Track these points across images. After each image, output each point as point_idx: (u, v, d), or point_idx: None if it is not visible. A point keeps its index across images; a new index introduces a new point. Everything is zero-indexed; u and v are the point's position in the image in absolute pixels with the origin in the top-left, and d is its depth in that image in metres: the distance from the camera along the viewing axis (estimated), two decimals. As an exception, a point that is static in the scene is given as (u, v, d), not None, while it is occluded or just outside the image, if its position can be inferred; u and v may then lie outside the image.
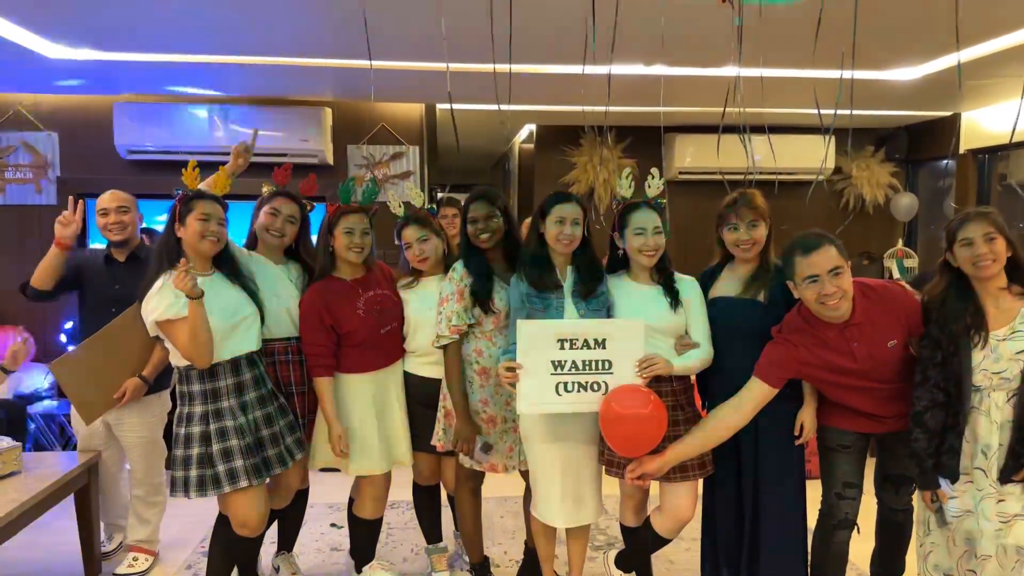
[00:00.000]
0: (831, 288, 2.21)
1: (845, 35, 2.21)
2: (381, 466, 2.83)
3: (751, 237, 2.48)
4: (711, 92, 4.22)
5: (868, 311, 2.31)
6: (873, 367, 2.33)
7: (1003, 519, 2.19)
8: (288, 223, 2.78)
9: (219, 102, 4.85)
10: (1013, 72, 3.87)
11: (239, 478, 2.44)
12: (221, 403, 2.47)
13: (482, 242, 2.69)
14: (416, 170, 5.23)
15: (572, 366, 2.36)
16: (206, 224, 2.44)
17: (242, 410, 2.50)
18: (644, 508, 2.71)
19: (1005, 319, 2.20)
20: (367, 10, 2.81)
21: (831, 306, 2.24)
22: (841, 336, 2.32)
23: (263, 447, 2.55)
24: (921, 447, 2.29)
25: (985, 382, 2.20)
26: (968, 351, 2.21)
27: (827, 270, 2.22)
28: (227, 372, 2.48)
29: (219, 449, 2.43)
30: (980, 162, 5.33)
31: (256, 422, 2.54)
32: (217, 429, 2.45)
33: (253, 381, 2.55)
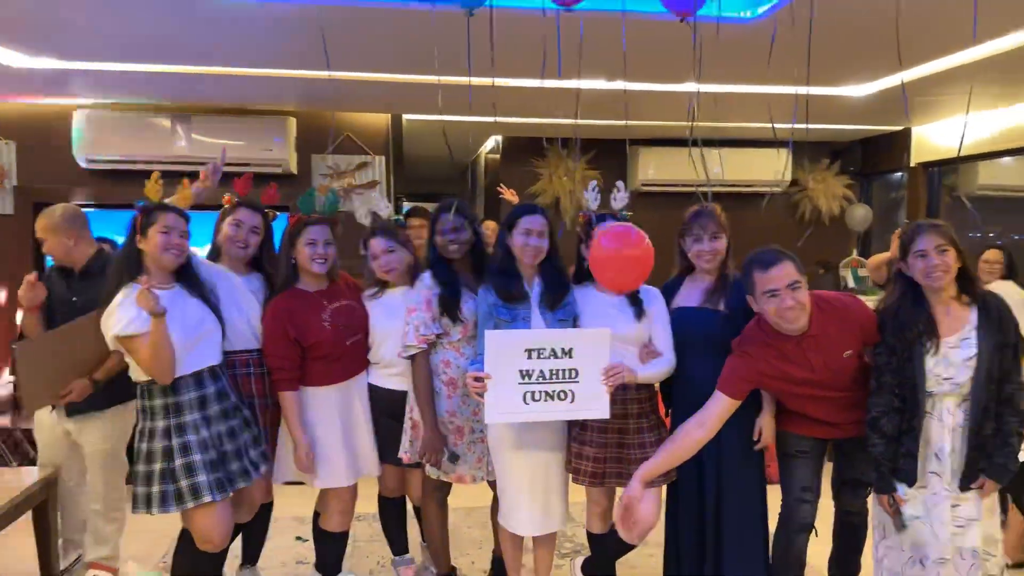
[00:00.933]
0: (790, 302, 2.27)
1: (800, 53, 2.29)
2: (347, 479, 2.82)
3: (712, 248, 2.55)
4: (673, 107, 4.32)
5: (824, 323, 2.37)
6: (829, 377, 2.40)
7: (958, 523, 2.27)
8: (251, 234, 2.77)
9: (181, 111, 4.80)
10: (958, 90, 4.04)
11: (202, 493, 2.41)
12: (183, 417, 2.43)
13: (450, 252, 2.71)
14: (382, 180, 5.23)
15: (539, 375, 2.39)
16: (168, 237, 2.40)
17: (205, 424, 2.47)
18: (610, 515, 2.74)
19: (955, 327, 2.29)
20: (332, 20, 2.84)
21: (790, 319, 2.29)
22: (798, 348, 2.38)
23: (226, 461, 2.52)
24: (878, 452, 2.37)
25: (937, 388, 2.29)
26: (921, 357, 2.29)
27: (786, 284, 2.27)
28: (189, 386, 2.45)
29: (182, 464, 2.40)
30: (930, 175, 5.52)
31: (219, 436, 2.51)
32: (180, 444, 2.41)
33: (216, 394, 2.52)
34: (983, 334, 2.25)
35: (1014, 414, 2.27)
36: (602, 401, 2.41)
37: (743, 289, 2.44)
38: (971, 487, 2.27)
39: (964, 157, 5.05)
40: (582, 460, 2.55)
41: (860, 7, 2.72)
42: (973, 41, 2.95)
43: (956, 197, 5.57)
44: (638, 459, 2.51)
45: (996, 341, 2.24)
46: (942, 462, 2.30)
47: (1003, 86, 4.03)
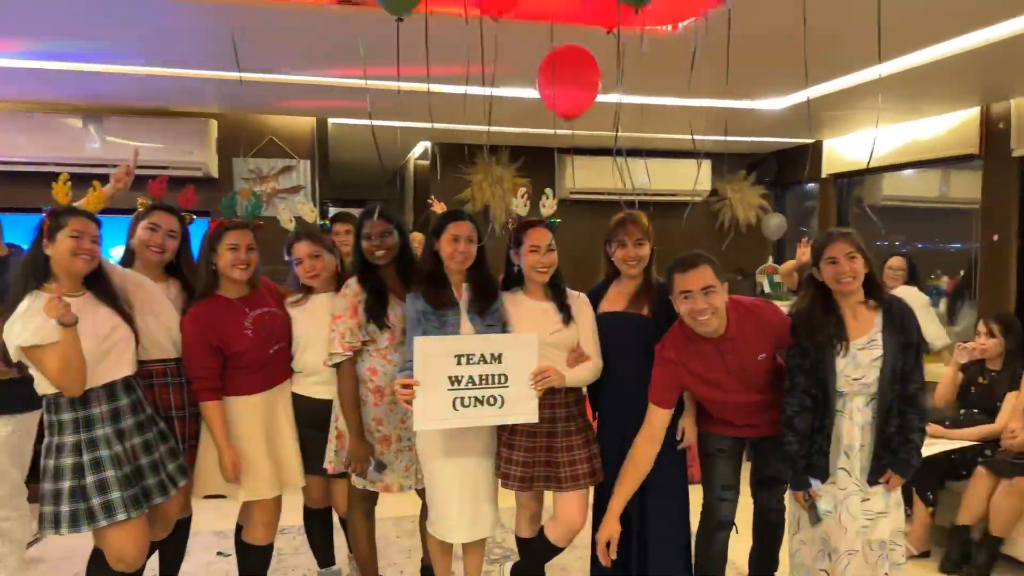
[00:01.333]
0: (702, 305, 2.36)
1: (719, 67, 2.38)
2: (272, 490, 2.74)
3: (636, 255, 2.62)
4: (600, 117, 4.40)
5: (741, 326, 2.47)
6: (744, 380, 2.51)
7: (868, 516, 2.39)
8: (168, 238, 2.66)
9: (94, 111, 4.59)
10: (866, 105, 4.26)
11: (116, 511, 2.30)
12: (95, 432, 2.32)
13: (378, 258, 2.69)
14: (307, 184, 5.14)
15: (469, 381, 2.40)
16: (78, 241, 2.29)
17: (118, 438, 2.36)
18: (539, 519, 2.77)
19: (863, 329, 2.42)
20: (253, 19, 2.77)
21: (701, 321, 2.39)
22: (717, 350, 2.47)
23: (142, 476, 2.42)
24: (793, 450, 2.47)
25: (847, 387, 2.41)
26: (832, 359, 2.41)
27: (700, 287, 2.36)
28: (101, 398, 2.34)
29: (93, 481, 2.29)
30: (839, 186, 5.81)
31: (134, 450, 2.41)
32: (91, 460, 2.30)
33: (130, 407, 2.41)
34: (888, 336, 2.39)
35: (916, 412, 2.41)
36: (531, 405, 2.43)
37: (667, 294, 2.52)
38: (879, 482, 2.40)
39: (871, 169, 5.33)
40: (511, 465, 2.57)
41: (774, 25, 2.84)
42: (879, 60, 3.12)
43: (863, 208, 5.88)
44: (567, 462, 2.55)
45: (899, 342, 2.38)
46: (851, 459, 2.42)
47: (907, 102, 4.28)
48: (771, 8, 2.64)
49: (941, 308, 5.10)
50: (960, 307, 5.04)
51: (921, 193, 5.81)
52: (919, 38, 3.10)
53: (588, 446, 2.61)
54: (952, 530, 3.45)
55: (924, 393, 2.45)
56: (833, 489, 2.45)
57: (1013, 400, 3.55)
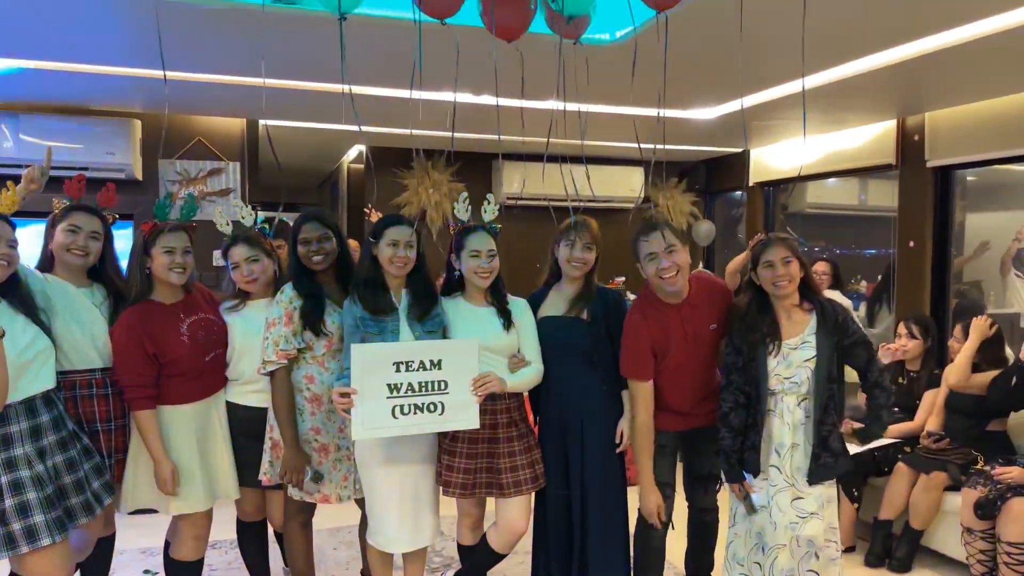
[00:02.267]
0: (666, 263, 2.50)
1: (656, 77, 2.42)
2: (204, 503, 2.64)
3: (583, 257, 2.64)
4: (538, 123, 4.42)
5: (699, 294, 2.64)
6: (698, 349, 2.64)
7: (800, 514, 2.47)
8: (91, 240, 2.53)
9: (7, 109, 4.35)
10: (790, 115, 4.43)
11: (40, 536, 2.15)
12: (14, 451, 2.17)
13: (315, 264, 2.63)
14: (236, 187, 4.99)
15: (408, 388, 2.36)
16: None
17: (39, 457, 2.22)
18: (481, 526, 2.76)
19: (796, 330, 2.51)
20: (180, 15, 2.68)
21: (668, 280, 2.52)
22: (678, 316, 2.61)
23: (65, 496, 2.28)
24: (727, 444, 2.56)
25: (778, 386, 2.49)
26: (764, 358, 2.50)
27: (663, 248, 2.51)
28: (20, 415, 2.19)
29: (13, 504, 2.14)
30: (766, 193, 6.01)
31: (56, 469, 2.27)
32: (10, 481, 2.15)
33: (52, 423, 2.27)
34: (821, 337, 2.48)
35: (883, 393, 2.55)
36: (471, 411, 2.42)
37: (606, 298, 2.61)
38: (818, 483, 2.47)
39: (796, 178, 5.53)
40: (452, 472, 2.54)
41: (706, 36, 2.92)
42: (802, 73, 3.24)
43: (785, 218, 6.10)
44: (509, 468, 2.54)
45: (833, 342, 2.47)
46: (782, 456, 2.50)
47: (829, 113, 4.46)
48: (703, 20, 2.71)
49: (861, 312, 5.33)
50: (878, 311, 5.29)
51: (842, 201, 6.06)
52: (840, 53, 3.23)
53: (530, 452, 2.62)
54: (875, 524, 3.60)
55: (886, 376, 2.59)
56: (765, 485, 2.53)
57: (931, 398, 3.73)
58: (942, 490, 3.43)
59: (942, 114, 4.32)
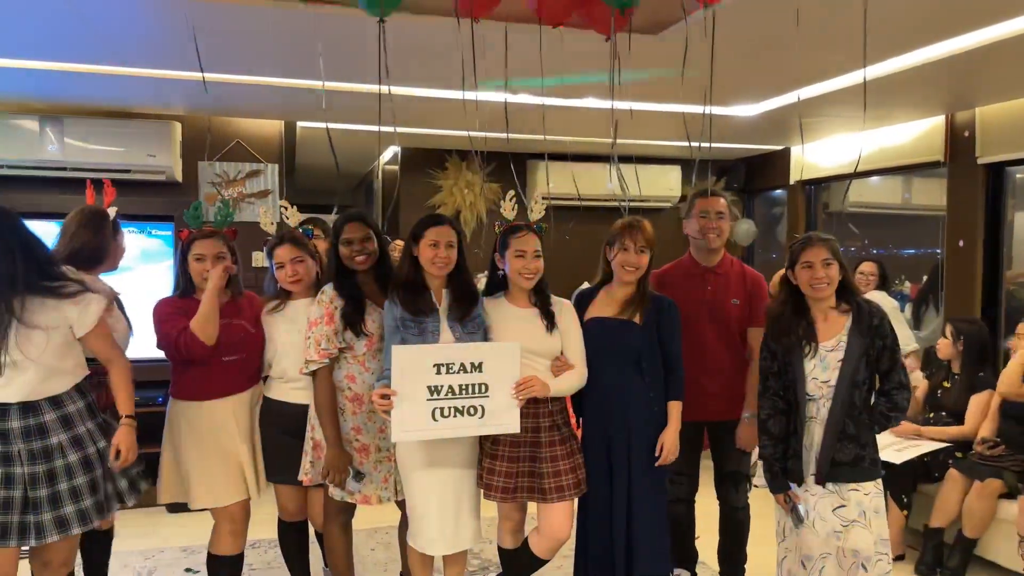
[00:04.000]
0: (714, 224, 2.90)
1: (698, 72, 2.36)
2: (228, 497, 2.68)
3: (637, 261, 2.59)
4: (576, 122, 4.39)
5: (729, 269, 2.97)
6: (715, 319, 2.88)
7: (843, 522, 2.39)
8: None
9: (52, 113, 4.42)
10: (837, 112, 4.32)
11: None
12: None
13: (358, 264, 2.63)
14: (274, 189, 5.03)
15: (448, 391, 2.34)
16: None
17: (3, 461, 2.19)
18: (521, 530, 2.72)
19: (833, 332, 2.44)
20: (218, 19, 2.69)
21: (711, 239, 2.92)
22: (702, 276, 2.95)
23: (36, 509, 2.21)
24: (768, 452, 2.49)
25: (817, 391, 2.42)
26: (800, 361, 2.43)
27: (715, 211, 2.92)
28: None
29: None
30: (808, 192, 5.88)
31: (30, 478, 2.20)
32: None
33: (24, 432, 2.21)
34: (853, 338, 2.40)
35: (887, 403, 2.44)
36: (513, 415, 2.39)
37: (660, 304, 2.59)
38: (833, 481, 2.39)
39: (838, 176, 5.40)
40: (494, 475, 2.51)
41: (752, 32, 2.85)
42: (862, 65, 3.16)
43: (836, 214, 5.96)
44: (551, 473, 2.50)
45: (864, 344, 2.39)
46: None
47: (875, 109, 4.34)
48: (749, 15, 2.65)
49: (907, 313, 5.20)
50: (925, 312, 5.14)
51: (885, 200, 5.91)
52: (889, 48, 3.14)
53: (572, 457, 2.56)
54: (926, 533, 3.49)
55: (903, 392, 2.45)
56: (806, 494, 2.45)
57: (980, 403, 3.60)
58: (997, 497, 3.32)
59: (994, 109, 4.17)
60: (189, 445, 2.66)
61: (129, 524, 3.63)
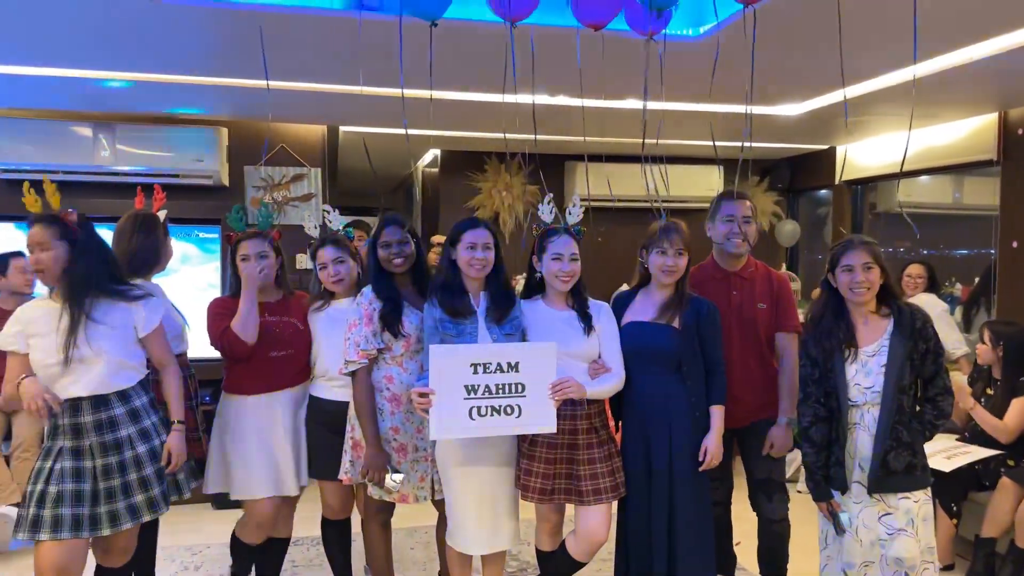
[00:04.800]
0: (738, 230, 2.79)
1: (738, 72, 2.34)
2: (263, 491, 2.77)
3: (675, 264, 2.57)
4: (613, 123, 4.37)
5: (755, 271, 2.88)
6: (741, 323, 2.80)
7: (888, 531, 2.33)
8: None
9: (104, 119, 4.57)
10: (886, 110, 4.22)
11: (41, 529, 2.24)
12: (56, 442, 2.32)
13: (395, 267, 2.66)
14: (317, 192, 5.11)
15: (485, 390, 2.35)
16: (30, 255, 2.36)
17: (74, 455, 2.31)
18: (559, 532, 2.71)
19: (874, 336, 2.38)
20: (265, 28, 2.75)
21: (736, 244, 2.82)
22: (727, 282, 2.85)
23: (110, 498, 2.33)
24: (811, 460, 2.44)
25: (859, 397, 2.36)
26: (841, 366, 2.38)
27: (741, 215, 2.81)
28: (65, 411, 2.31)
29: (36, 491, 2.26)
30: (854, 192, 5.76)
31: (102, 470, 2.33)
32: (38, 469, 2.28)
33: (96, 426, 2.33)
34: (895, 343, 2.34)
35: (932, 410, 2.38)
36: (549, 415, 2.39)
37: (699, 307, 2.57)
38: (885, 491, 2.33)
39: (887, 175, 5.28)
40: (531, 476, 2.51)
41: (795, 31, 2.81)
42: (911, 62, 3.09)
43: (884, 214, 5.82)
44: (588, 476, 2.50)
45: (907, 349, 2.33)
46: (865, 471, 2.36)
47: (924, 107, 4.24)
48: (793, 13, 2.61)
49: (957, 316, 5.05)
50: (976, 314, 4.99)
51: (934, 199, 5.75)
52: (939, 44, 3.06)
53: (611, 460, 2.55)
54: (977, 542, 3.39)
55: (948, 398, 2.39)
56: (848, 502, 2.40)
57: (1021, 407, 3.47)
58: (1053, 508, 3.20)
59: (1049, 105, 4.05)
60: (234, 438, 2.77)
61: (176, 519, 3.72)
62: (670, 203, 5.62)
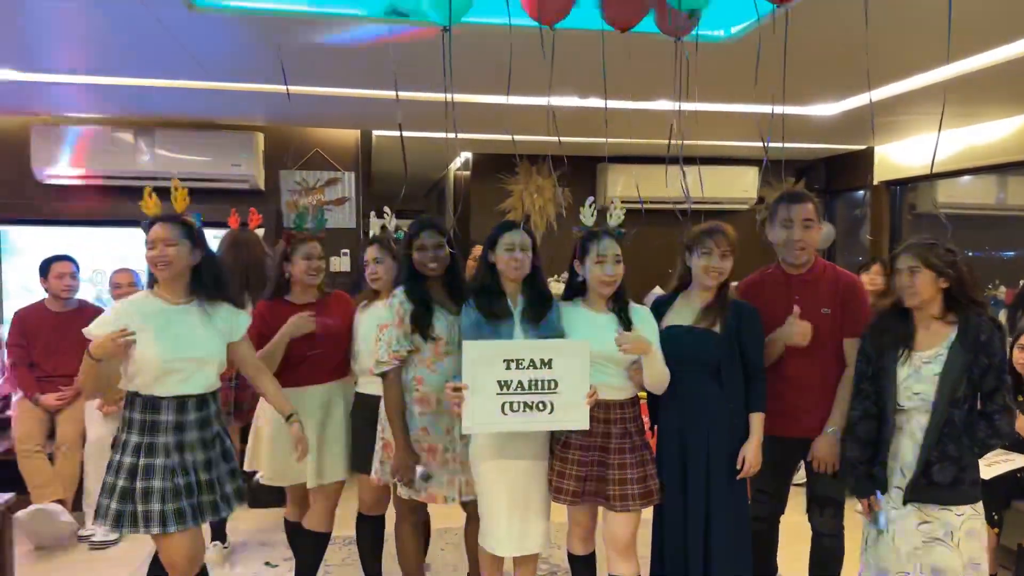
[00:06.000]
0: (799, 234, 2.62)
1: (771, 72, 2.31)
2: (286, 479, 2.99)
3: (721, 266, 2.53)
4: (644, 124, 4.35)
5: (820, 273, 2.69)
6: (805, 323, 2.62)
7: (925, 539, 2.26)
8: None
9: (144, 125, 4.69)
10: (922, 110, 4.14)
11: (152, 523, 2.31)
12: (157, 438, 2.36)
13: (430, 271, 2.68)
14: (351, 196, 5.18)
15: (518, 386, 2.36)
16: (152, 250, 2.40)
17: (179, 450, 2.39)
18: (592, 537, 2.67)
19: (933, 342, 2.31)
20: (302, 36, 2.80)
21: (794, 249, 2.64)
22: (787, 286, 2.69)
23: (196, 492, 2.42)
24: (854, 455, 2.42)
25: (908, 402, 2.31)
26: (893, 367, 2.33)
27: (801, 219, 2.62)
28: (170, 408, 2.38)
29: (142, 487, 2.32)
30: (892, 193, 5.65)
31: (204, 463, 2.44)
32: (146, 465, 2.33)
33: (198, 422, 2.44)
34: (955, 352, 2.26)
35: (985, 428, 2.27)
36: (582, 413, 2.38)
37: (741, 310, 2.53)
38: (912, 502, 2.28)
39: (926, 176, 5.17)
40: (564, 479, 2.50)
41: (830, 28, 2.77)
42: (945, 61, 3.03)
43: (918, 214, 5.71)
44: (617, 480, 2.47)
45: (967, 361, 2.24)
46: (905, 477, 2.31)
47: (964, 107, 4.14)
48: (825, 13, 2.57)
49: (1001, 319, 4.92)
50: (1021, 317, 4.85)
51: (977, 200, 5.62)
52: (978, 42, 2.99)
53: (642, 466, 2.50)
54: (1020, 552, 3.29)
55: (1006, 417, 2.26)
56: (887, 506, 2.35)
57: None
58: (1101, 518, 3.10)
59: (1097, 102, 3.93)
60: (269, 425, 2.94)
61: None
62: (705, 205, 5.60)
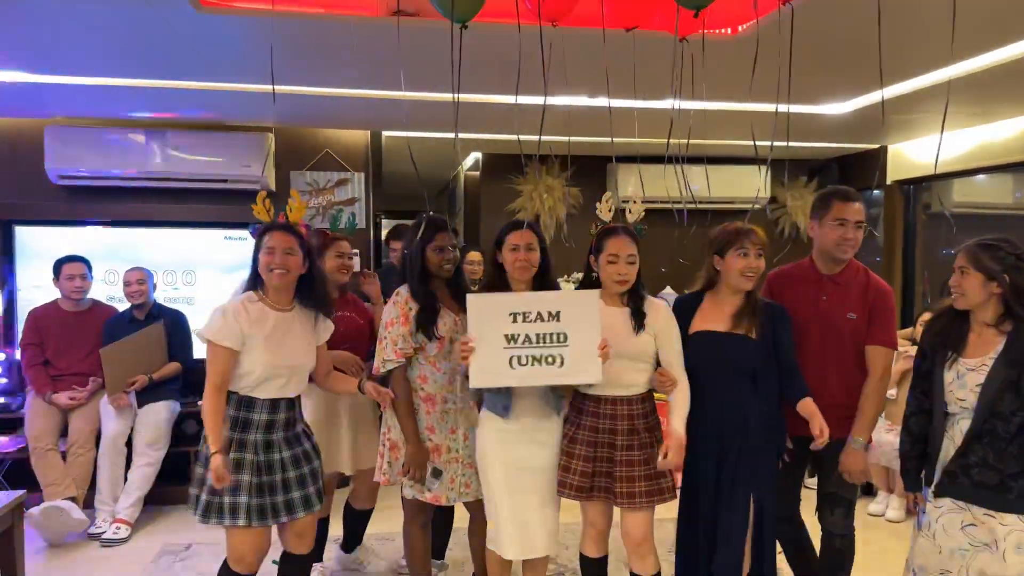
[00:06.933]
0: (851, 235, 2.58)
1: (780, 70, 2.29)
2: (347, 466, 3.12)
3: (759, 265, 2.48)
4: (653, 123, 4.32)
5: (852, 276, 2.65)
6: (828, 329, 2.61)
7: (972, 542, 2.19)
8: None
9: (156, 126, 4.72)
10: (935, 108, 4.09)
11: (239, 515, 2.39)
12: (248, 435, 2.44)
13: (445, 271, 2.70)
14: (361, 196, 5.19)
15: (526, 339, 2.34)
16: (270, 256, 2.44)
17: (266, 448, 2.45)
18: (605, 539, 2.61)
19: (981, 351, 2.23)
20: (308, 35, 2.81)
21: (844, 249, 2.59)
22: (817, 285, 2.66)
23: (286, 489, 2.49)
24: (906, 449, 2.41)
25: (953, 408, 2.26)
26: (940, 368, 2.29)
27: (855, 220, 2.58)
28: (263, 408, 2.46)
29: (232, 480, 2.38)
30: (906, 192, 5.59)
31: (283, 463, 2.49)
32: (235, 459, 2.41)
33: (286, 422, 2.52)
34: (999, 364, 2.18)
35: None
36: (594, 365, 2.33)
37: (772, 313, 2.50)
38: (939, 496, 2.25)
39: (940, 175, 5.11)
40: (569, 473, 2.48)
41: (839, 25, 2.74)
42: (951, 59, 2.99)
43: (932, 214, 5.64)
44: (624, 477, 2.44)
45: (1009, 376, 2.15)
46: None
47: (978, 104, 4.09)
48: (835, 9, 2.55)
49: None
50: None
51: (994, 199, 5.54)
52: (992, 38, 2.95)
53: (651, 464, 2.46)
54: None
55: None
56: (929, 507, 2.30)
57: None
58: None
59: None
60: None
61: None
62: (714, 204, 5.57)
